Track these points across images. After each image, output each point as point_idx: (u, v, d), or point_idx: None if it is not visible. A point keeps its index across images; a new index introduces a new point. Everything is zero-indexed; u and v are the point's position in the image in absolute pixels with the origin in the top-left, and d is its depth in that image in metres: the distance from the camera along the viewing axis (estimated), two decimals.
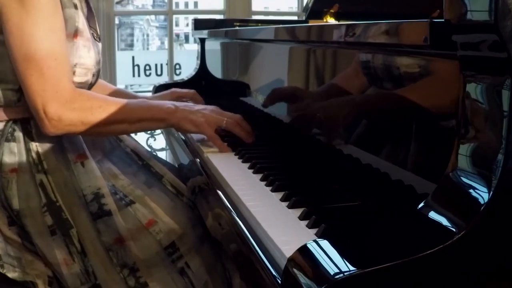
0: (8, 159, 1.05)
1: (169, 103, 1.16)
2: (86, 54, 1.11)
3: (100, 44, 1.21)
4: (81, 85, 1.11)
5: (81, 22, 1.11)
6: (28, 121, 1.06)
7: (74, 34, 1.09)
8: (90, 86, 1.17)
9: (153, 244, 1.07)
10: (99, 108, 1.06)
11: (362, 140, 0.89)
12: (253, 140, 1.18)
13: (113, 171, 1.14)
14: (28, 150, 1.06)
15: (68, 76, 1.05)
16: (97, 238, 1.05)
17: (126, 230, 1.06)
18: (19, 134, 1.06)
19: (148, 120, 1.12)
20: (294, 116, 1.17)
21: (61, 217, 1.05)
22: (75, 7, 1.10)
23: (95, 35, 1.19)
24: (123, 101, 1.11)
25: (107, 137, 1.20)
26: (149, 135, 2.81)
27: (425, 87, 0.75)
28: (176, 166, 1.36)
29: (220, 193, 0.97)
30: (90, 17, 1.20)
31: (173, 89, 1.54)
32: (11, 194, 1.04)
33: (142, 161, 1.24)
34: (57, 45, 1.02)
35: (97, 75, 1.18)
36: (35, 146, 1.06)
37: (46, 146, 1.07)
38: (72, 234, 1.04)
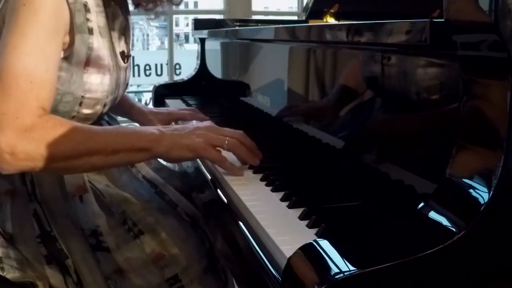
0: (3, 181, 1.01)
1: (153, 128, 0.97)
2: (98, 85, 1.02)
3: (125, 65, 1.12)
4: (88, 116, 1.04)
5: (97, 48, 1.01)
6: None
7: (85, 62, 1.00)
8: (100, 115, 1.09)
9: (156, 277, 1.03)
10: (63, 138, 0.88)
11: (362, 140, 0.89)
12: (260, 159, 1.00)
13: (124, 196, 1.06)
14: (23, 177, 1.02)
15: (40, 103, 0.89)
16: (96, 267, 1.01)
17: (126, 264, 1.01)
18: None
19: (126, 150, 0.93)
20: (294, 116, 1.17)
21: (56, 247, 1.00)
22: (90, 31, 0.99)
23: (125, 52, 1.12)
24: (95, 128, 0.96)
25: (77, 174, 1.03)
26: None
27: (425, 87, 0.75)
28: (176, 169, 1.35)
29: (219, 192, 0.97)
30: (126, 31, 1.14)
31: (170, 111, 1.41)
32: (5, 217, 1.00)
33: (156, 188, 1.14)
34: (40, 68, 0.89)
35: (111, 104, 1.09)
36: (30, 174, 1.01)
37: (42, 175, 1.01)
38: (68, 265, 1.00)
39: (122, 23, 1.13)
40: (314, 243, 0.60)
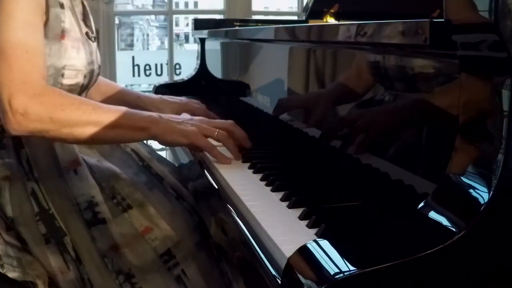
0: (0, 166, 1.04)
1: (152, 112, 1.07)
2: (75, 55, 1.08)
3: (94, 44, 1.17)
4: (71, 87, 1.08)
5: (69, 22, 1.08)
6: None
7: (61, 34, 1.06)
8: (82, 88, 1.12)
9: (148, 252, 1.05)
10: (71, 105, 0.97)
11: (362, 140, 0.89)
12: (248, 147, 1.10)
13: (114, 171, 1.11)
14: (18, 157, 1.04)
15: (39, 71, 0.98)
16: (92, 245, 1.03)
17: (121, 238, 1.04)
18: (8, 141, 1.04)
19: (126, 127, 1.02)
20: (294, 116, 1.17)
21: (54, 225, 1.03)
22: (61, 6, 1.07)
23: (90, 33, 1.16)
24: (99, 104, 1.05)
25: (78, 144, 1.09)
26: None
27: (425, 87, 0.75)
28: (176, 165, 1.35)
29: (219, 192, 0.97)
30: (85, 15, 1.18)
31: (183, 102, 1.39)
32: (4, 202, 1.02)
33: (143, 162, 1.21)
34: (31, 38, 0.97)
35: (90, 76, 1.14)
36: (25, 153, 1.04)
37: (37, 153, 1.05)
38: (66, 242, 1.02)
39: (80, 6, 1.17)
40: (314, 243, 0.60)
